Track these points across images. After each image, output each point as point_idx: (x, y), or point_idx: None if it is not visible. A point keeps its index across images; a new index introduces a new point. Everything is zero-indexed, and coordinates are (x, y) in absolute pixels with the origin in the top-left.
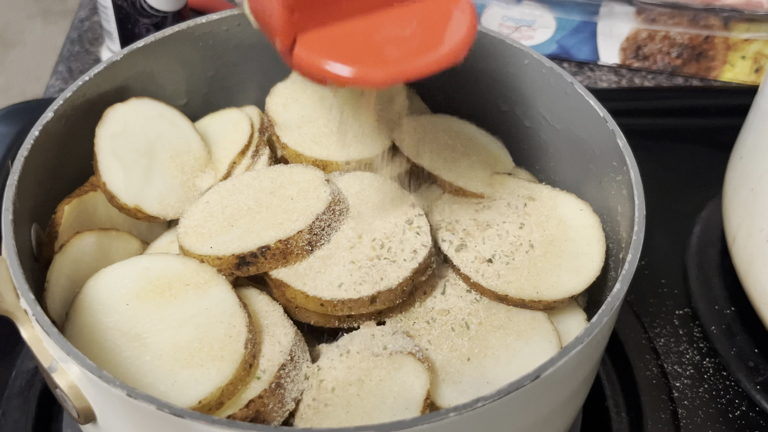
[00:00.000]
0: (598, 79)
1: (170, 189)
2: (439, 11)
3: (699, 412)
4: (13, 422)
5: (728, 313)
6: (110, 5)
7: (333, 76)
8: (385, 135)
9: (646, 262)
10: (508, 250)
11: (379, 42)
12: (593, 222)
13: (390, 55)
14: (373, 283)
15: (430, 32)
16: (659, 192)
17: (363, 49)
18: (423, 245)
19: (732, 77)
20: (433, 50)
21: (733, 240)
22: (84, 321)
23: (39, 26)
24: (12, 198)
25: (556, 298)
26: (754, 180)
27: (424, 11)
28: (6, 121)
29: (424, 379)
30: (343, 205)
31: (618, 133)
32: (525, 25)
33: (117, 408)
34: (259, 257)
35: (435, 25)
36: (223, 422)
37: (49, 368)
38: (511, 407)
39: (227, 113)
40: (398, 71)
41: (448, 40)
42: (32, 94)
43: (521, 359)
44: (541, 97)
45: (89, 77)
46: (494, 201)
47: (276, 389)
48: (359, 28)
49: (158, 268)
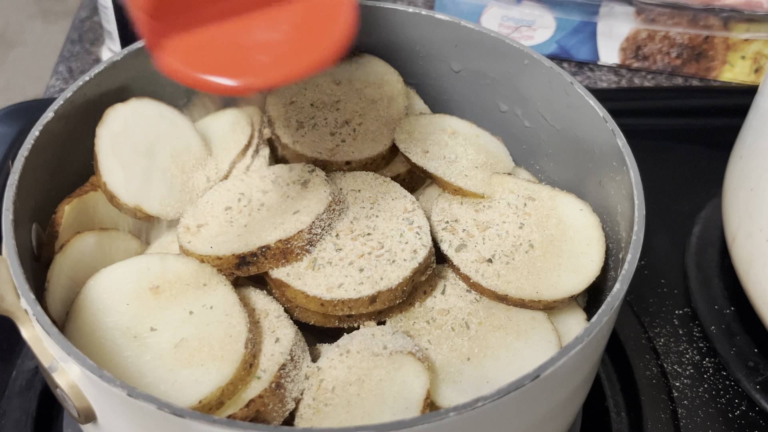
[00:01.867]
0: (598, 79)
1: (170, 189)
2: (315, 11)
3: (699, 412)
4: (13, 422)
5: (728, 313)
6: (110, 5)
7: (197, 83)
8: (385, 135)
9: (646, 262)
10: (508, 250)
11: (245, 47)
12: (593, 222)
13: (255, 62)
14: (373, 283)
15: (301, 35)
16: (659, 192)
17: (228, 55)
18: (423, 245)
19: (732, 77)
20: (302, 55)
21: (732, 240)
22: (84, 321)
23: (39, 26)
24: (12, 198)
25: (555, 298)
26: (754, 180)
27: (298, 12)
28: (6, 121)
29: (424, 379)
30: (343, 205)
31: (618, 133)
32: (525, 25)
33: (117, 408)
34: (260, 257)
35: (308, 27)
36: (223, 422)
37: (50, 368)
38: (511, 407)
39: (227, 113)
40: (262, 79)
41: (318, 44)
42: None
43: (521, 359)
44: (541, 97)
45: (90, 77)
46: (494, 201)
47: (276, 389)
48: (227, 31)
49: (158, 268)
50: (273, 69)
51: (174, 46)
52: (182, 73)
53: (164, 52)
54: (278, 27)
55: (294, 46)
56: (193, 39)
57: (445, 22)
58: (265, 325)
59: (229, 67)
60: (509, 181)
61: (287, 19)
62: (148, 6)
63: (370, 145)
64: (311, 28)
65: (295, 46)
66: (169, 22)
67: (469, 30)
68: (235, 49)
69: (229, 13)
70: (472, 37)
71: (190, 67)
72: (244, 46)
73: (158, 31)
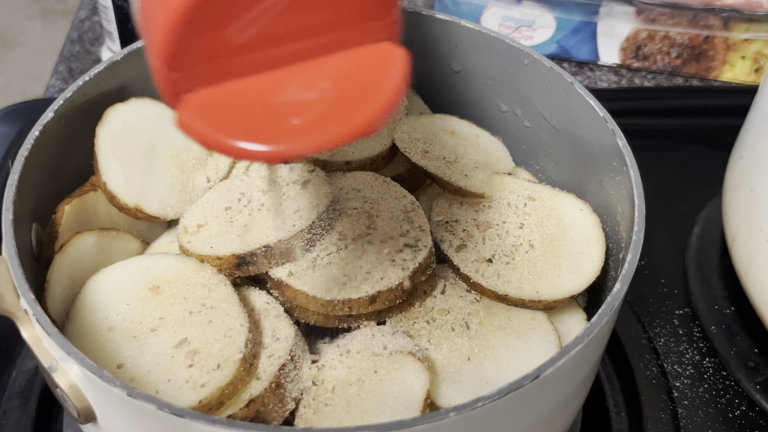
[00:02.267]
0: (598, 79)
1: (170, 189)
2: (362, 65)
3: (699, 412)
4: (13, 422)
5: (728, 313)
6: (110, 5)
7: (220, 147)
8: (385, 135)
9: (646, 262)
10: (508, 250)
11: (277, 107)
12: (593, 222)
13: (287, 126)
14: (373, 283)
15: (343, 94)
16: (659, 192)
17: (257, 116)
18: (423, 245)
19: (732, 77)
20: (342, 119)
21: (733, 240)
22: (84, 321)
23: (39, 26)
24: (12, 198)
25: (556, 298)
26: (754, 180)
27: (341, 66)
28: (6, 121)
29: (424, 379)
30: (343, 205)
31: (618, 133)
32: (525, 25)
33: (117, 408)
34: (260, 257)
35: (352, 84)
36: (223, 422)
37: (50, 368)
38: (511, 407)
39: None
40: (293, 146)
41: (363, 105)
42: (32, 94)
43: (521, 359)
44: (541, 97)
45: (89, 77)
46: (494, 201)
47: (276, 389)
48: (256, 88)
49: (158, 268)
50: (307, 135)
51: (195, 102)
52: (203, 135)
53: (184, 108)
54: (316, 84)
55: (334, 108)
56: (217, 95)
57: (445, 22)
58: (265, 325)
59: (258, 131)
60: (509, 181)
61: (327, 75)
62: (167, 56)
63: (370, 145)
64: (356, 85)
65: (335, 107)
66: (190, 74)
67: (469, 30)
68: (264, 110)
69: (259, 67)
70: (472, 37)
71: (213, 129)
72: (276, 106)
73: (178, 84)
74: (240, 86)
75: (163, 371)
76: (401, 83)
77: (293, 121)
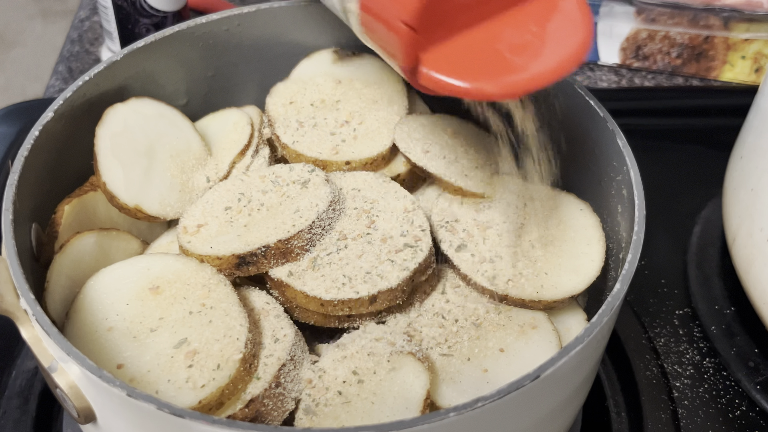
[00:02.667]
0: (598, 79)
1: (170, 189)
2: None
3: (699, 412)
4: (13, 422)
5: (728, 313)
6: (110, 5)
7: (464, 93)
8: (385, 135)
9: (646, 262)
10: (508, 250)
11: (500, 51)
12: (593, 222)
13: (514, 64)
14: (373, 283)
15: (549, 33)
16: (659, 192)
17: (486, 60)
18: (423, 245)
19: (732, 77)
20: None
21: (733, 240)
22: (84, 321)
23: (39, 26)
24: (12, 198)
25: (556, 298)
26: (754, 180)
27: (540, 12)
28: (6, 121)
29: (424, 379)
30: (343, 205)
31: (618, 133)
32: None
33: (117, 408)
34: (260, 257)
35: (554, 25)
36: (223, 422)
37: (49, 368)
38: (511, 407)
39: (227, 113)
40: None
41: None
42: (32, 94)
43: (521, 359)
44: (542, 97)
45: (89, 77)
46: (494, 201)
47: (276, 389)
48: (480, 37)
49: (158, 268)
50: (533, 68)
51: (432, 59)
52: (448, 85)
53: (425, 66)
54: (526, 28)
55: (546, 44)
56: (448, 48)
57: None
58: (265, 325)
59: (491, 72)
60: (509, 181)
61: (532, 20)
62: (418, 21)
63: (370, 145)
64: (557, 25)
65: (547, 44)
66: (429, 35)
67: None
68: (492, 54)
69: (479, 19)
70: None
71: (456, 77)
72: (499, 50)
73: (419, 46)
74: (466, 39)
75: (162, 371)
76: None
77: (517, 60)
